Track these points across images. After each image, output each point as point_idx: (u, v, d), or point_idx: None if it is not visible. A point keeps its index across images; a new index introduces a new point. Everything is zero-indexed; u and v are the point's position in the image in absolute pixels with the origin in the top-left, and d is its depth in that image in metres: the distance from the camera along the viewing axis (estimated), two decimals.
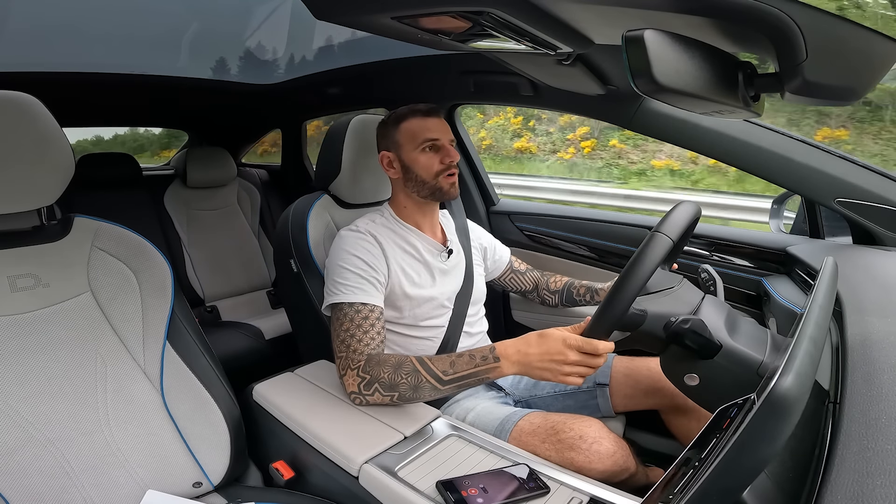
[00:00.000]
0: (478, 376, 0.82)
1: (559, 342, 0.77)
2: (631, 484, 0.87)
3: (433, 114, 1.04)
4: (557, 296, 1.28)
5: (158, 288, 0.88)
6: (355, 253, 0.97)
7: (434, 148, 1.02)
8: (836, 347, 0.63)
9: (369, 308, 0.93)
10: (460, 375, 0.82)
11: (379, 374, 0.85)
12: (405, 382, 0.83)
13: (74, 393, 0.79)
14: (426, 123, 1.02)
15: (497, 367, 0.81)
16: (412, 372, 0.84)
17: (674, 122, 1.15)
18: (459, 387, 0.83)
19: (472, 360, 0.82)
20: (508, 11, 0.67)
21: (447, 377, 0.83)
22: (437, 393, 0.84)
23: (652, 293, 0.82)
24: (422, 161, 1.02)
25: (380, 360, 0.86)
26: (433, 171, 1.02)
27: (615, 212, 1.60)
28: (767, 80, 0.59)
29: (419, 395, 0.84)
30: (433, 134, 1.01)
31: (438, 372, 0.83)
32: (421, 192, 1.04)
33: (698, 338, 0.71)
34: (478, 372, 0.82)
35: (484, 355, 0.82)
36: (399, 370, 0.84)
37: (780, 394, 0.36)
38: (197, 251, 2.08)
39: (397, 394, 0.84)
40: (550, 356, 0.77)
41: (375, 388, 0.85)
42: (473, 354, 0.83)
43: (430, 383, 0.83)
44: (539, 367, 0.78)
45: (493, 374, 0.81)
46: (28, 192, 0.76)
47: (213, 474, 0.87)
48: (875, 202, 1.03)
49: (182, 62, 1.99)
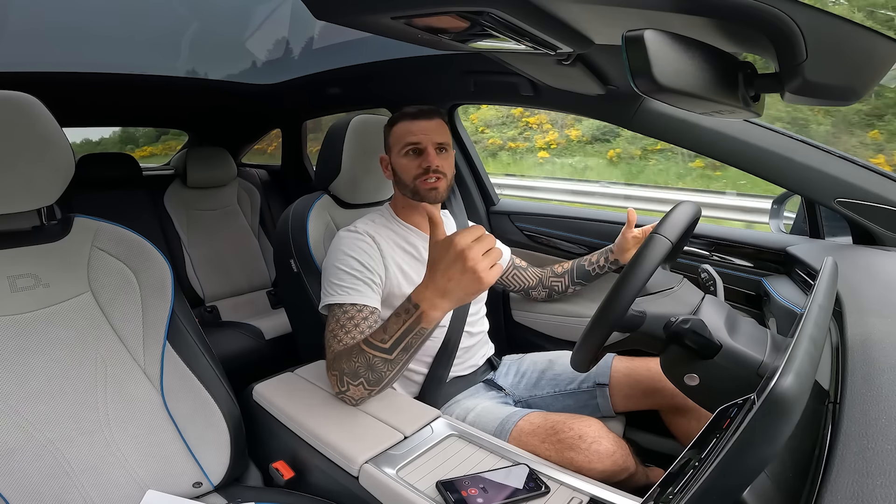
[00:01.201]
0: (412, 331, 0.77)
1: (447, 249, 0.72)
2: (631, 484, 0.87)
3: (421, 117, 1.03)
4: (567, 277, 1.28)
5: (158, 288, 0.88)
6: (351, 254, 0.97)
7: (416, 151, 1.02)
8: (836, 347, 0.63)
9: (357, 308, 0.92)
10: (397, 337, 0.78)
11: (341, 366, 0.84)
12: (360, 364, 0.81)
13: (74, 393, 0.79)
14: (411, 126, 1.02)
15: (422, 312, 0.76)
16: (359, 352, 0.81)
17: (674, 122, 1.15)
18: (406, 349, 0.79)
19: (398, 318, 0.78)
20: (508, 11, 0.67)
21: (387, 344, 0.79)
22: (393, 364, 0.80)
23: (652, 294, 0.82)
24: (402, 164, 1.03)
25: (339, 354, 0.86)
26: (412, 174, 1.02)
27: (615, 212, 1.60)
28: (767, 80, 0.59)
29: (379, 373, 0.81)
30: (414, 138, 1.01)
31: (378, 343, 0.80)
32: (405, 193, 1.05)
33: (698, 338, 0.71)
34: (409, 326, 0.77)
35: (406, 308, 0.78)
36: (350, 356, 0.82)
37: (780, 394, 0.36)
38: (197, 251, 2.08)
39: (363, 379, 0.82)
40: (455, 267, 0.71)
41: (347, 382, 0.84)
42: (398, 311, 0.79)
43: (379, 357, 0.80)
44: (456, 286, 0.73)
45: (425, 321, 0.76)
46: (28, 192, 0.76)
47: (213, 474, 0.87)
48: (875, 202, 1.03)
49: (182, 62, 1.99)
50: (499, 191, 1.80)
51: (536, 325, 1.53)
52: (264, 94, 2.13)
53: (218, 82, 2.06)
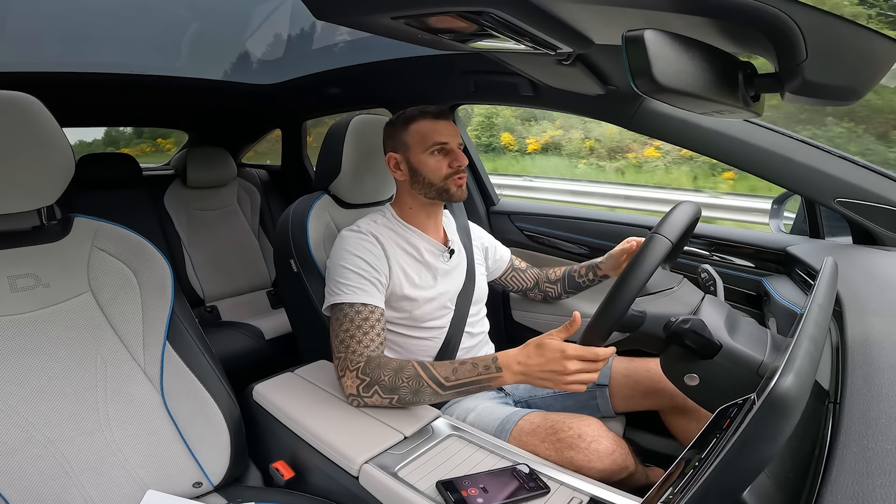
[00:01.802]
0: (479, 384, 0.83)
1: (558, 353, 0.78)
2: (631, 483, 0.87)
3: (443, 116, 1.03)
4: (559, 284, 1.28)
5: (158, 288, 0.88)
6: (357, 253, 0.97)
7: (443, 151, 1.02)
8: (836, 347, 0.63)
9: (370, 309, 0.93)
10: (462, 382, 0.83)
11: (379, 377, 0.85)
12: (406, 386, 0.84)
13: (74, 393, 0.79)
14: (436, 126, 1.02)
15: (499, 377, 0.82)
16: (414, 376, 0.84)
17: (674, 122, 1.15)
18: (459, 393, 0.85)
19: (474, 368, 0.83)
20: (508, 11, 0.67)
21: (449, 383, 0.83)
22: (437, 398, 0.85)
23: (652, 294, 0.82)
24: (430, 164, 1.02)
25: (380, 363, 0.86)
26: (442, 173, 1.02)
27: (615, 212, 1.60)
28: (767, 80, 0.59)
29: (419, 398, 0.85)
30: (443, 137, 1.01)
31: (440, 378, 0.84)
32: (428, 193, 1.04)
33: (698, 338, 0.71)
34: (480, 380, 0.83)
35: (487, 365, 0.83)
36: (400, 374, 0.84)
37: (780, 394, 0.36)
38: (197, 251, 2.08)
39: (397, 397, 0.85)
40: (550, 367, 0.78)
41: (375, 391, 0.85)
42: (476, 363, 0.84)
43: (430, 388, 0.84)
44: (540, 377, 0.80)
45: (495, 382, 0.83)
46: (28, 192, 0.76)
47: (213, 474, 0.87)
48: (875, 202, 1.03)
49: (182, 62, 1.99)
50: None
51: (536, 325, 1.53)
52: (264, 94, 2.13)
53: (218, 82, 2.06)
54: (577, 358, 0.77)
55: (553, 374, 0.78)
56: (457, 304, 1.09)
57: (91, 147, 6.65)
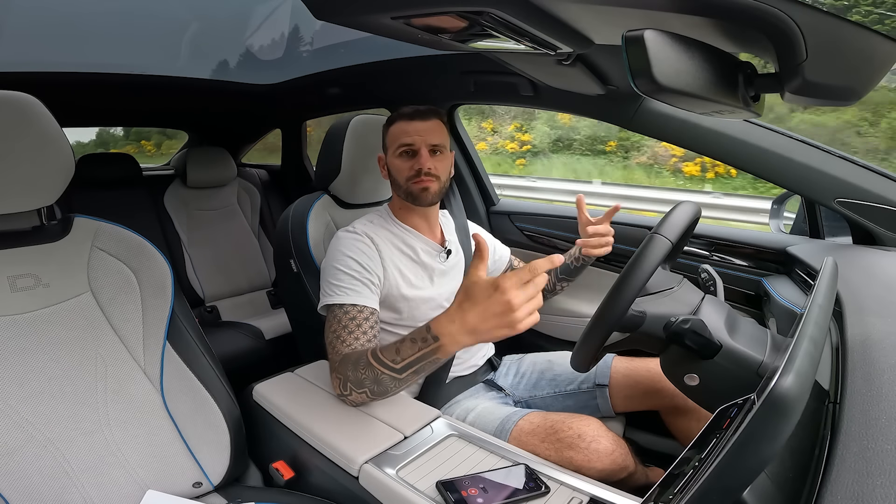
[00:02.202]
0: (427, 359, 0.73)
1: (491, 291, 0.64)
2: (631, 483, 0.87)
3: (416, 117, 1.02)
4: (552, 275, 1.26)
5: (158, 288, 0.88)
6: (350, 254, 0.97)
7: (409, 153, 1.02)
8: (836, 347, 0.63)
9: (358, 309, 0.92)
10: (409, 361, 0.75)
11: (346, 373, 0.83)
12: (367, 377, 0.80)
13: (74, 393, 0.79)
14: (406, 127, 1.02)
15: (441, 346, 0.71)
16: (367, 366, 0.80)
17: (674, 122, 1.15)
18: (416, 372, 0.76)
19: (413, 343, 0.74)
20: (508, 11, 0.67)
21: (398, 365, 0.76)
22: (400, 382, 0.78)
23: (651, 294, 0.82)
24: (396, 165, 1.03)
25: (346, 359, 0.85)
26: (404, 175, 1.02)
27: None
28: (767, 80, 0.59)
29: (386, 387, 0.79)
30: (408, 139, 1.01)
31: (388, 361, 0.77)
32: (399, 194, 1.06)
33: (698, 338, 0.71)
34: (424, 355, 0.73)
35: (423, 336, 0.73)
36: (357, 366, 0.81)
37: (780, 394, 0.36)
38: (197, 251, 2.08)
39: (367, 390, 0.81)
40: (493, 310, 0.64)
41: (350, 387, 0.83)
42: (414, 338, 0.74)
43: (387, 374, 0.77)
44: (487, 328, 0.66)
45: (441, 353, 0.72)
46: (28, 192, 0.76)
47: (213, 474, 0.87)
48: (875, 202, 1.03)
49: (182, 62, 1.99)
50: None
51: (536, 325, 1.53)
52: (264, 94, 2.13)
53: (218, 82, 2.06)
54: (516, 286, 0.63)
55: (500, 318, 0.64)
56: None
57: (86, 148, 6.68)
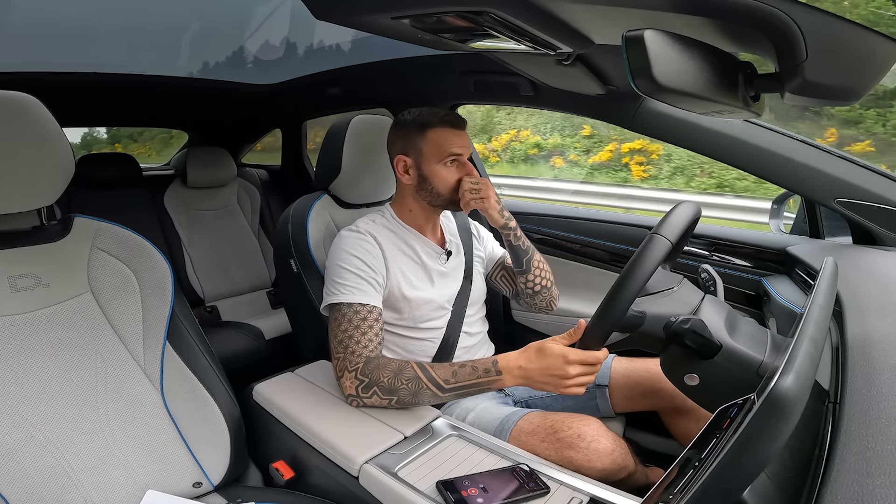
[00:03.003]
0: (479, 387, 0.84)
1: (559, 359, 0.78)
2: (630, 483, 0.87)
3: (460, 126, 1.02)
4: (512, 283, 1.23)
5: (158, 288, 0.88)
6: (354, 253, 0.97)
7: (456, 163, 1.02)
8: (836, 347, 0.63)
9: (367, 309, 0.92)
10: (461, 385, 0.84)
11: (378, 378, 0.85)
12: (405, 388, 0.84)
13: (74, 393, 0.79)
14: (453, 137, 1.00)
15: (499, 380, 0.82)
16: (413, 378, 0.84)
17: (674, 122, 1.15)
18: (458, 395, 0.85)
19: (474, 371, 0.84)
20: (508, 11, 0.67)
21: (448, 385, 0.84)
22: (436, 399, 0.85)
23: (651, 294, 0.82)
24: (443, 174, 1.01)
25: (379, 364, 0.86)
26: (452, 186, 1.01)
27: (615, 212, 1.60)
28: (767, 80, 0.59)
29: (418, 400, 0.85)
30: (458, 149, 1.00)
31: (440, 380, 0.84)
32: (434, 202, 1.04)
33: (698, 338, 0.71)
34: (479, 384, 0.83)
35: (487, 368, 0.83)
36: (399, 375, 0.84)
37: (780, 394, 0.36)
38: (197, 251, 2.08)
39: (396, 398, 0.85)
40: (551, 372, 0.79)
41: (374, 392, 0.85)
42: (476, 366, 0.84)
43: (430, 390, 0.84)
44: (540, 381, 0.80)
45: (494, 385, 0.83)
46: (28, 192, 0.76)
47: (213, 474, 0.87)
48: (875, 202, 1.03)
49: (182, 62, 1.99)
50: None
51: (536, 325, 1.53)
52: (264, 94, 2.13)
53: (218, 82, 2.06)
54: (579, 363, 0.78)
55: (554, 379, 0.79)
56: (454, 305, 1.09)
57: (75, 149, 6.64)
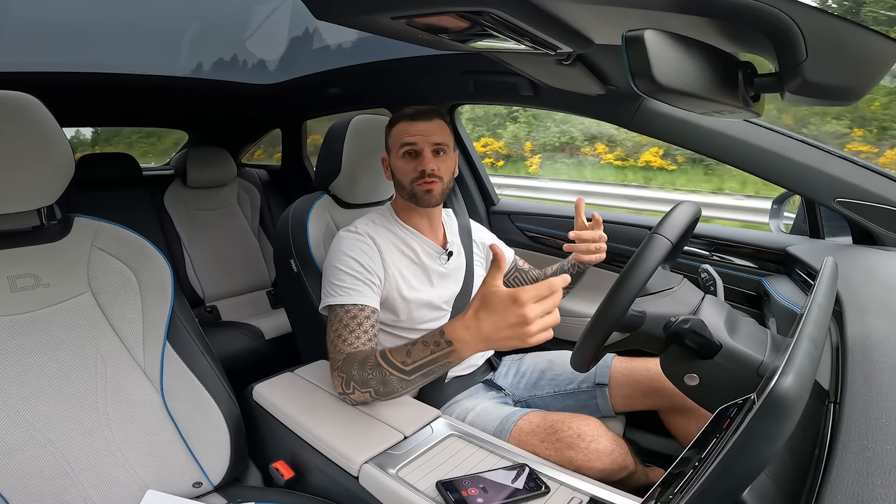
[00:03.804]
0: (437, 362, 0.74)
1: (508, 303, 0.65)
2: (630, 483, 0.87)
3: (419, 118, 1.02)
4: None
5: (158, 288, 0.88)
6: (351, 254, 0.97)
7: (413, 154, 1.02)
8: (836, 347, 0.63)
9: (359, 308, 0.92)
10: (419, 364, 0.76)
11: (351, 372, 0.83)
12: (373, 378, 0.80)
13: (74, 393, 0.79)
14: (408, 128, 1.01)
15: (453, 351, 0.72)
16: (375, 366, 0.80)
17: (674, 122, 1.15)
18: (425, 375, 0.77)
19: (425, 346, 0.75)
20: (508, 11, 0.67)
21: (408, 367, 0.77)
22: (408, 384, 0.79)
23: (651, 294, 0.82)
24: (399, 166, 1.03)
25: (351, 358, 0.85)
26: (409, 177, 1.02)
27: (615, 212, 1.60)
28: (767, 80, 0.59)
29: (391, 388, 0.80)
30: (411, 139, 1.01)
31: (398, 363, 0.78)
32: (403, 195, 1.06)
33: (698, 338, 0.71)
34: (436, 359, 0.74)
35: (436, 340, 0.74)
36: (365, 366, 0.81)
37: (780, 394, 0.36)
38: (197, 251, 2.08)
39: (371, 389, 0.82)
40: (508, 321, 0.65)
41: (353, 386, 0.84)
42: (427, 341, 0.75)
43: (394, 376, 0.78)
44: (499, 338, 0.67)
45: (453, 357, 0.73)
46: (28, 192, 0.76)
47: (213, 474, 0.87)
48: (875, 202, 1.03)
49: (182, 62, 1.99)
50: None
51: None
52: (264, 94, 2.13)
53: (218, 82, 2.06)
54: (533, 300, 0.64)
55: (513, 329, 0.65)
56: (454, 307, 1.09)
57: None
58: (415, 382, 0.79)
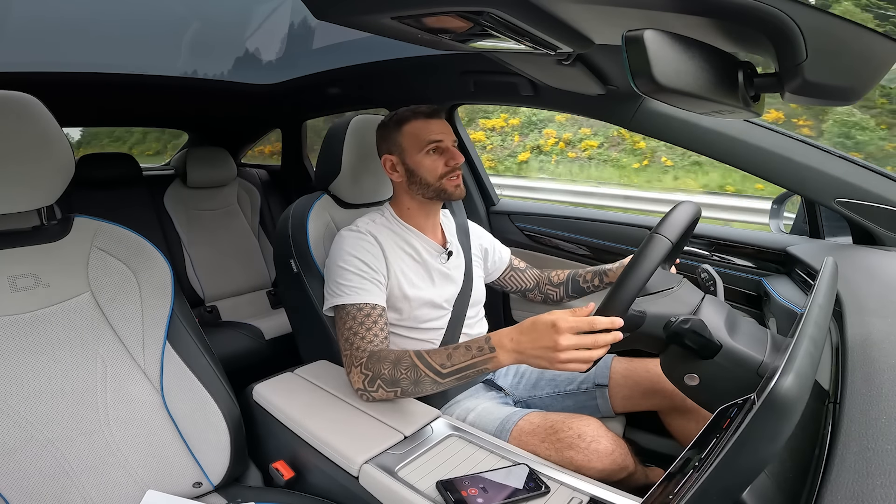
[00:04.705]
0: (475, 367, 0.79)
1: (548, 327, 0.72)
2: (630, 484, 0.87)
3: (435, 115, 1.03)
4: (562, 288, 1.26)
5: (158, 288, 0.88)
6: (355, 253, 0.97)
7: (438, 150, 1.02)
8: (836, 347, 0.63)
9: (371, 306, 0.93)
10: (458, 367, 0.80)
11: (380, 371, 0.84)
12: (405, 377, 0.83)
13: (74, 393, 0.79)
14: (429, 125, 1.02)
15: (493, 357, 0.78)
16: (411, 367, 0.83)
17: (674, 122, 1.15)
18: (459, 379, 0.81)
19: (468, 351, 0.80)
20: (508, 11, 0.67)
21: (445, 370, 0.81)
22: (439, 386, 0.82)
23: (651, 294, 0.82)
24: (426, 164, 1.02)
25: (380, 357, 0.86)
26: (438, 173, 1.02)
27: (615, 212, 1.60)
28: (767, 80, 0.59)
29: (421, 388, 0.83)
30: (436, 136, 1.01)
31: (436, 365, 0.81)
32: (426, 193, 1.04)
33: (698, 338, 0.71)
34: (475, 363, 0.79)
35: (480, 346, 0.79)
36: (398, 366, 0.83)
37: (780, 394, 0.36)
38: (197, 251, 2.08)
39: (399, 389, 0.84)
40: (541, 343, 0.72)
41: (378, 385, 0.85)
42: (470, 346, 0.80)
43: (429, 377, 0.82)
44: (533, 355, 0.74)
45: (491, 364, 0.78)
46: (28, 192, 0.76)
47: (213, 474, 0.87)
48: (875, 202, 1.03)
49: (182, 62, 1.99)
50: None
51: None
52: (264, 94, 2.13)
53: (218, 82, 2.06)
54: (570, 331, 0.70)
55: (545, 351, 0.72)
56: (454, 306, 1.09)
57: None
58: (446, 385, 0.82)
